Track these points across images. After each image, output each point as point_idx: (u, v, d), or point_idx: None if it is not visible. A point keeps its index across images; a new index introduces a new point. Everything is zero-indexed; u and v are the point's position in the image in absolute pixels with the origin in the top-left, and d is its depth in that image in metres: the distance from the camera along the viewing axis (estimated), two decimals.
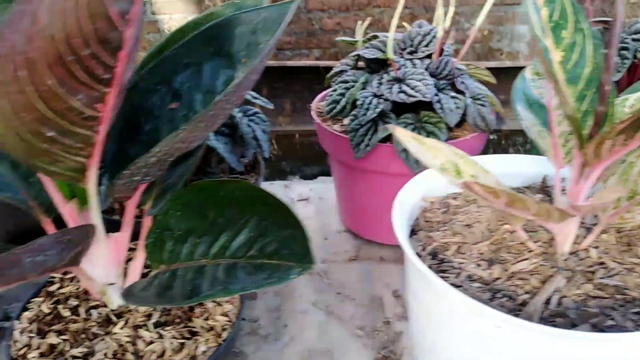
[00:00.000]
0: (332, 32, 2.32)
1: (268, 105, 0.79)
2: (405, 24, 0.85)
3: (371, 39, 0.78)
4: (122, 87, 0.35)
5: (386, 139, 0.70)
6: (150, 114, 0.44)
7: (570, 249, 0.43)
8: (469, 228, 0.47)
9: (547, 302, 0.39)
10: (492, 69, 0.82)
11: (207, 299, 0.35)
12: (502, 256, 0.44)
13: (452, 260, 0.44)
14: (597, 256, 0.43)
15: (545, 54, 0.39)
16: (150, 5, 2.10)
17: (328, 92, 0.80)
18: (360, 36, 0.81)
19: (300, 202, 0.99)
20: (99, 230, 0.44)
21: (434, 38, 0.73)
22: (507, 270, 0.42)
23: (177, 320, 0.48)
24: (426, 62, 0.72)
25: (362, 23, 0.84)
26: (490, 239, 0.46)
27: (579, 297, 0.39)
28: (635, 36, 0.81)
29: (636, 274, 0.41)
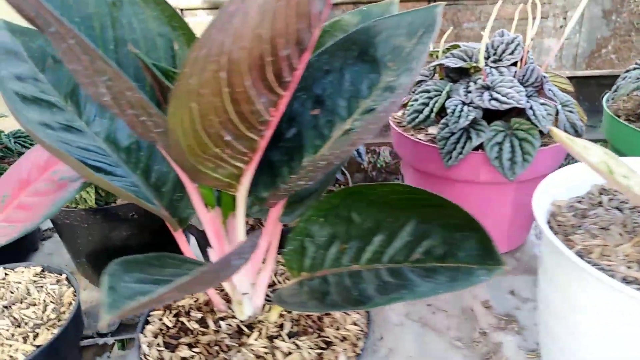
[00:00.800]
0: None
1: None
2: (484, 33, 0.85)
3: (450, 49, 0.78)
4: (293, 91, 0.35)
5: (476, 147, 0.69)
6: (292, 120, 0.43)
7: None
8: (606, 231, 0.47)
9: None
10: None
11: (394, 302, 0.34)
12: None
13: (599, 263, 0.43)
14: None
15: None
16: None
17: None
18: (441, 47, 0.81)
19: None
20: (241, 231, 0.43)
21: (517, 46, 0.73)
22: None
23: (309, 330, 0.47)
24: (512, 70, 0.72)
25: (445, 35, 0.84)
26: (630, 241, 0.45)
27: None
28: None
29: None
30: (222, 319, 0.49)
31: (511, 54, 0.73)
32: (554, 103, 0.70)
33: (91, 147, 0.44)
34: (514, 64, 0.73)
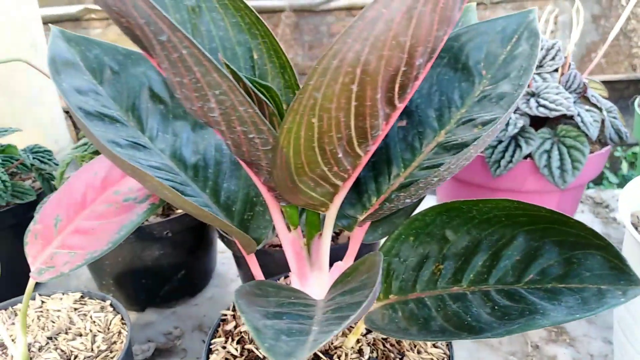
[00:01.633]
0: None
1: None
2: None
3: None
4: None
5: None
6: None
7: None
8: None
9: None
10: None
11: (526, 329, 0.31)
12: None
13: None
14: None
15: None
16: None
17: None
18: None
19: None
20: (326, 255, 0.40)
21: (558, 52, 0.72)
22: None
23: (390, 355, 0.44)
24: (555, 76, 0.71)
25: None
26: None
27: None
28: None
29: None
30: None
31: (552, 59, 0.72)
32: (598, 110, 0.69)
33: (161, 165, 0.40)
34: (556, 70, 0.72)
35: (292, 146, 0.30)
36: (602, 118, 0.68)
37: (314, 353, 0.44)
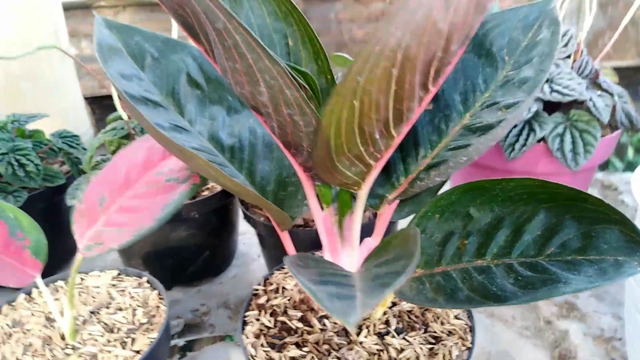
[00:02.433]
0: (362, 43, 2.34)
1: None
2: None
3: None
4: None
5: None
6: None
7: None
8: None
9: None
10: None
11: (549, 296, 0.34)
12: None
13: None
14: None
15: None
16: None
17: None
18: None
19: None
20: (357, 233, 0.43)
21: (571, 39, 0.74)
22: None
23: (415, 326, 0.47)
24: (568, 62, 0.73)
25: None
26: None
27: None
28: None
29: None
30: (325, 317, 0.48)
31: (565, 46, 0.74)
32: (609, 95, 0.71)
33: (201, 147, 0.43)
34: (568, 57, 0.74)
35: (333, 127, 0.33)
36: (614, 103, 0.70)
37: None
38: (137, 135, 0.68)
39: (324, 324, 0.47)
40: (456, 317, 0.48)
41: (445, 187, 0.43)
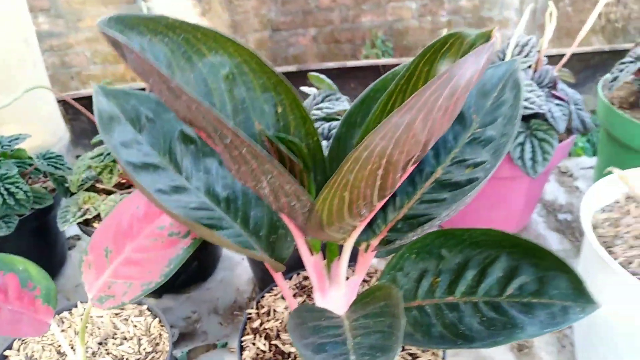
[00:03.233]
0: (328, 10, 2.32)
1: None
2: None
3: None
4: None
5: None
6: None
7: None
8: (639, 240, 0.55)
9: None
10: None
11: (508, 342, 0.40)
12: None
13: (638, 272, 0.51)
14: None
15: None
16: None
17: None
18: None
19: None
20: (343, 275, 0.48)
21: (532, 49, 0.78)
22: None
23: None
24: (529, 72, 0.78)
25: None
26: None
27: None
28: None
29: None
30: None
31: (526, 56, 0.78)
32: (566, 103, 0.77)
33: (199, 204, 0.47)
34: (529, 67, 0.79)
35: (326, 210, 0.37)
36: (570, 111, 0.76)
37: None
38: None
39: None
40: None
41: None
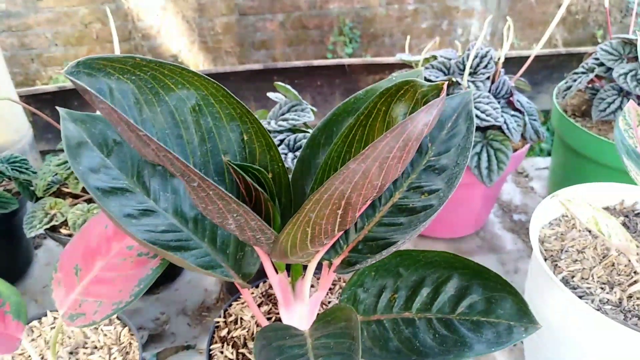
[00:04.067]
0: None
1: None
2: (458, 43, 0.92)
3: (429, 60, 0.85)
4: None
5: None
6: None
7: None
8: (582, 254, 0.59)
9: None
10: None
11: (463, 359, 0.44)
12: (616, 279, 0.56)
13: (581, 286, 0.56)
14: None
15: None
16: None
17: None
18: (422, 56, 0.87)
19: None
20: (307, 292, 0.51)
21: (491, 60, 0.82)
22: (624, 291, 0.55)
23: None
24: (487, 84, 0.81)
25: (435, 43, 0.90)
26: (601, 263, 0.58)
27: None
28: None
29: None
30: None
31: (485, 67, 0.82)
32: (521, 115, 0.81)
33: (168, 226, 0.48)
34: (487, 78, 0.82)
35: (289, 242, 0.40)
36: (524, 122, 0.80)
37: None
38: None
39: None
40: None
41: None
